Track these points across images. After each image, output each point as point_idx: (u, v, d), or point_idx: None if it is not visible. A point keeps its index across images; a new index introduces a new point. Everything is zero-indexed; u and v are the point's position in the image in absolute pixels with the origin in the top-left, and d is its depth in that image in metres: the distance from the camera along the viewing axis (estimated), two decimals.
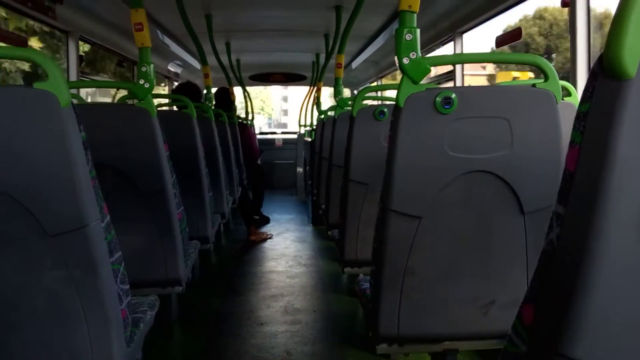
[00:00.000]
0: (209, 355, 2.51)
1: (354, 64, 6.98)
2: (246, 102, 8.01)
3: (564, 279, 0.73)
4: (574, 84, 2.50)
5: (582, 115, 0.73)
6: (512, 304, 1.65)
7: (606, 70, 0.67)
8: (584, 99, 0.73)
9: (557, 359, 0.72)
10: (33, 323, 1.36)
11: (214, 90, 4.84)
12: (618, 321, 0.71)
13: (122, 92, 3.42)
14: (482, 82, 18.84)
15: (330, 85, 5.54)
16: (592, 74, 0.71)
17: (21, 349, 1.37)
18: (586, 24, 2.48)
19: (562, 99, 1.84)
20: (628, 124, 0.65)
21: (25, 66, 9.32)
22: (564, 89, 2.37)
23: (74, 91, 2.94)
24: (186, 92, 3.89)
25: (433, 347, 1.73)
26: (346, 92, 8.79)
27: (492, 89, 1.68)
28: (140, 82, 2.11)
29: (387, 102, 3.08)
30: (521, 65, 1.73)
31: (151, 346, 1.83)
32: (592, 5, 2.48)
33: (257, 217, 5.73)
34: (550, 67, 1.59)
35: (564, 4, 2.56)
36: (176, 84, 6.45)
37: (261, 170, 5.94)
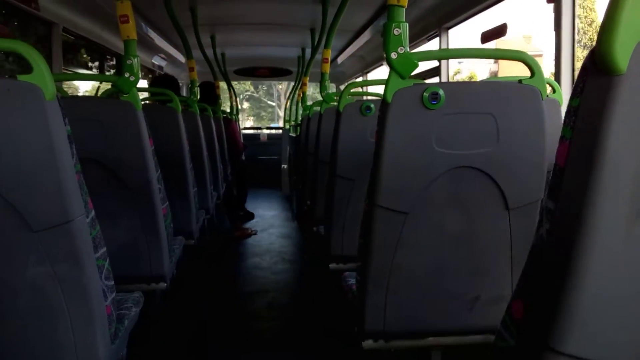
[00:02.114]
0: (194, 352, 2.50)
1: (340, 59, 6.97)
2: (231, 97, 7.96)
3: (553, 274, 0.73)
4: (558, 81, 2.51)
5: (573, 111, 0.73)
6: (496, 299, 1.66)
7: (597, 65, 0.67)
8: (575, 94, 0.73)
9: (547, 353, 0.72)
10: (16, 319, 1.33)
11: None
12: (608, 316, 0.72)
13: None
14: None
15: (316, 81, 5.52)
16: (583, 69, 0.71)
17: (3, 344, 1.35)
18: (571, 21, 2.50)
19: (547, 96, 1.85)
20: (618, 119, 0.65)
21: None
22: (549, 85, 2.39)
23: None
24: (166, 85, 3.84)
25: (419, 342, 1.74)
26: (332, 88, 8.78)
27: (479, 85, 1.68)
28: (126, 75, 2.08)
29: (372, 98, 3.08)
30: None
31: (136, 342, 1.81)
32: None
33: (242, 213, 5.71)
34: (537, 63, 1.60)
35: (549, 0, 2.57)
36: None
37: (244, 165, 5.91)
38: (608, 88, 0.65)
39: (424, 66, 4.82)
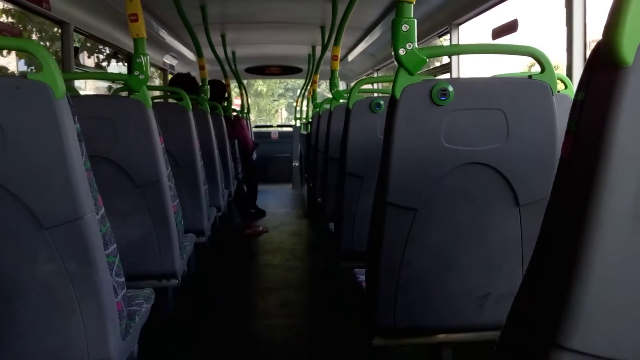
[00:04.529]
0: (205, 349, 2.51)
1: (350, 57, 6.95)
2: (241, 95, 7.98)
3: (559, 269, 0.73)
4: (570, 76, 2.49)
5: (579, 104, 0.72)
6: (507, 296, 1.65)
7: (603, 58, 0.67)
8: (580, 87, 0.72)
9: (553, 349, 0.71)
10: (27, 316, 1.35)
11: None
12: (614, 312, 0.71)
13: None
14: None
15: (326, 78, 5.52)
16: (589, 62, 0.71)
17: (15, 341, 1.36)
18: (583, 16, 2.47)
19: (558, 91, 1.83)
20: (625, 113, 0.65)
21: None
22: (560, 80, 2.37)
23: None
24: (182, 83, 3.87)
25: (429, 339, 1.73)
26: (342, 85, 8.77)
27: (489, 81, 1.67)
28: (135, 74, 2.09)
29: (383, 94, 3.07)
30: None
31: (147, 339, 1.82)
32: None
33: (253, 211, 5.72)
34: (547, 58, 1.59)
35: None
36: (171, 76, 6.42)
37: (254, 163, 5.92)
38: (614, 81, 0.65)
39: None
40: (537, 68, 1.63)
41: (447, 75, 4.42)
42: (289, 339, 2.62)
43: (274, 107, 24.68)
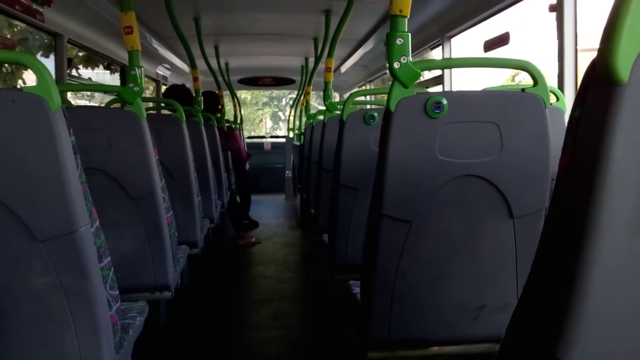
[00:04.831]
0: None
1: (343, 68, 6.98)
2: (235, 106, 7.99)
3: (557, 283, 0.73)
4: (562, 89, 2.51)
5: (575, 121, 0.73)
6: (501, 308, 1.66)
7: (599, 75, 0.67)
8: (576, 104, 0.73)
9: None
10: (20, 328, 1.34)
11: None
12: (612, 325, 0.72)
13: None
14: None
15: (319, 90, 5.53)
16: (585, 80, 0.72)
17: (8, 354, 1.35)
18: (573, 30, 2.50)
19: (550, 104, 1.85)
20: (621, 129, 0.65)
21: None
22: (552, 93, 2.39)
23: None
24: (177, 95, 3.87)
25: (424, 351, 1.73)
26: (336, 97, 8.79)
27: (482, 94, 1.69)
28: (130, 86, 2.10)
29: (376, 106, 3.08)
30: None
31: (140, 352, 1.81)
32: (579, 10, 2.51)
33: (246, 222, 5.71)
34: (539, 71, 1.60)
35: (551, 9, 2.58)
36: (164, 87, 6.42)
37: (247, 174, 5.92)
38: (610, 98, 0.66)
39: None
40: (520, 77, 1.65)
41: (439, 87, 4.45)
42: (282, 351, 2.61)
43: (259, 116, 23.82)
